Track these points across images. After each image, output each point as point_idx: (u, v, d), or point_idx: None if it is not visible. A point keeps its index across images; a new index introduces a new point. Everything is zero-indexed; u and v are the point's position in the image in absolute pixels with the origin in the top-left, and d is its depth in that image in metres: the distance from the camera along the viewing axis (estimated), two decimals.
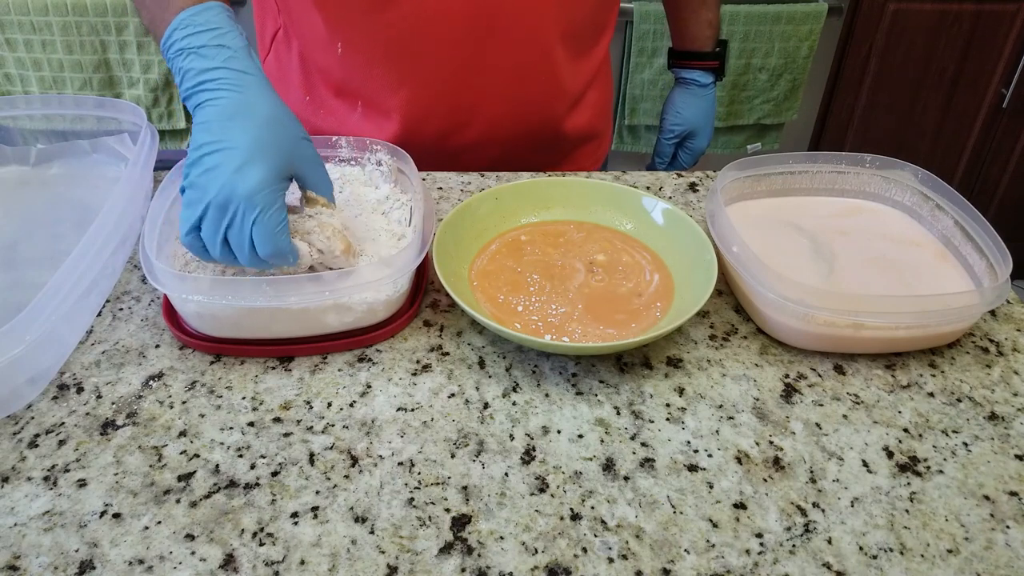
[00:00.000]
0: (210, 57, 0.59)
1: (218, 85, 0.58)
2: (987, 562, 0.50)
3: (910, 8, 1.70)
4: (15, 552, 0.49)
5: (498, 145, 0.90)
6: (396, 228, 0.70)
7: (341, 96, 0.87)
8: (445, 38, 0.79)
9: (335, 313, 0.62)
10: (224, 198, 0.55)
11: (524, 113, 0.88)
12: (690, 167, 1.09)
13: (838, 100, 1.82)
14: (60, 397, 0.59)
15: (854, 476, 0.55)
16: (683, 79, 1.04)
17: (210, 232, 0.57)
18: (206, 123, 0.58)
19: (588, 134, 0.96)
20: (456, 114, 0.86)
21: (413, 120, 0.85)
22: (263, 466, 0.55)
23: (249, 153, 0.56)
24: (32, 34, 1.44)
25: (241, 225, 0.56)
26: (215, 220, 0.56)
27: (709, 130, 1.06)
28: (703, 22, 0.99)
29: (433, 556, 0.49)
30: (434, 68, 0.81)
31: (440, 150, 0.73)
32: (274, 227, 0.56)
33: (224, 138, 0.56)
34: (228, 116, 0.57)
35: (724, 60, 1.02)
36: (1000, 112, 1.84)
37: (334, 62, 0.84)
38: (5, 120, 0.80)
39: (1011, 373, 0.64)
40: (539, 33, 0.81)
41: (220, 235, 0.56)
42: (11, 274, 0.68)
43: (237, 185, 0.55)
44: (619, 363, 0.64)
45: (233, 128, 0.57)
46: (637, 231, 0.75)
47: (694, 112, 1.04)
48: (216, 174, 0.56)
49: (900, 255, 0.72)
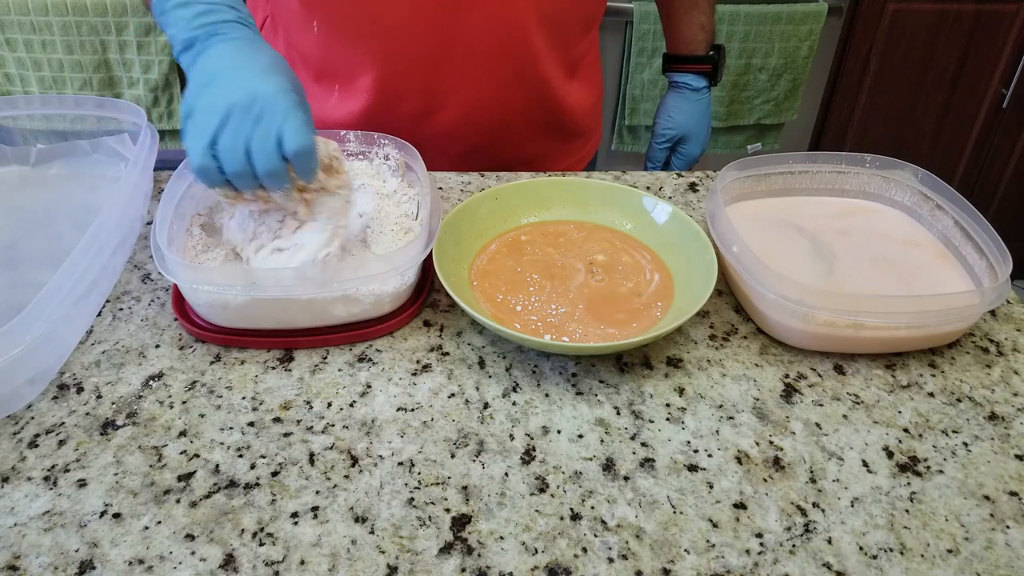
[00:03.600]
0: (219, 11, 0.61)
1: (230, 28, 0.60)
2: (987, 562, 0.50)
3: (910, 8, 1.70)
4: (15, 552, 0.49)
5: (475, 136, 0.89)
6: (404, 222, 0.70)
7: (320, 80, 0.87)
8: (416, 13, 0.79)
9: (343, 304, 0.62)
10: (249, 97, 0.55)
11: (501, 98, 0.87)
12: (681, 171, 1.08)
13: (838, 100, 1.82)
14: (60, 397, 0.59)
15: (854, 476, 0.55)
16: (676, 83, 1.03)
17: (231, 139, 0.55)
18: (213, 58, 0.59)
19: (573, 131, 0.95)
20: (430, 95, 0.85)
21: (386, 99, 0.85)
22: (263, 466, 0.55)
23: (270, 67, 0.58)
24: (32, 34, 1.44)
25: (269, 122, 0.55)
26: (239, 122, 0.55)
27: (703, 136, 1.05)
28: (695, 25, 0.99)
29: (433, 556, 0.49)
30: (406, 44, 0.81)
31: (416, 132, 0.72)
32: (304, 120, 0.57)
33: (240, 63, 0.58)
34: (239, 51, 0.59)
35: (718, 65, 1.01)
36: (1000, 112, 1.84)
37: (312, 44, 0.85)
38: (5, 120, 0.80)
39: (1011, 373, 0.64)
40: (512, 14, 0.81)
41: (243, 139, 0.56)
42: (11, 274, 0.68)
43: (265, 86, 0.56)
44: (619, 363, 0.64)
45: (247, 58, 0.58)
46: (637, 231, 0.75)
47: (686, 117, 1.03)
48: (235, 82, 0.56)
49: (900, 255, 0.72)
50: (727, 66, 1.61)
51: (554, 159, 0.97)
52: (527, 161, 0.94)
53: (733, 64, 1.62)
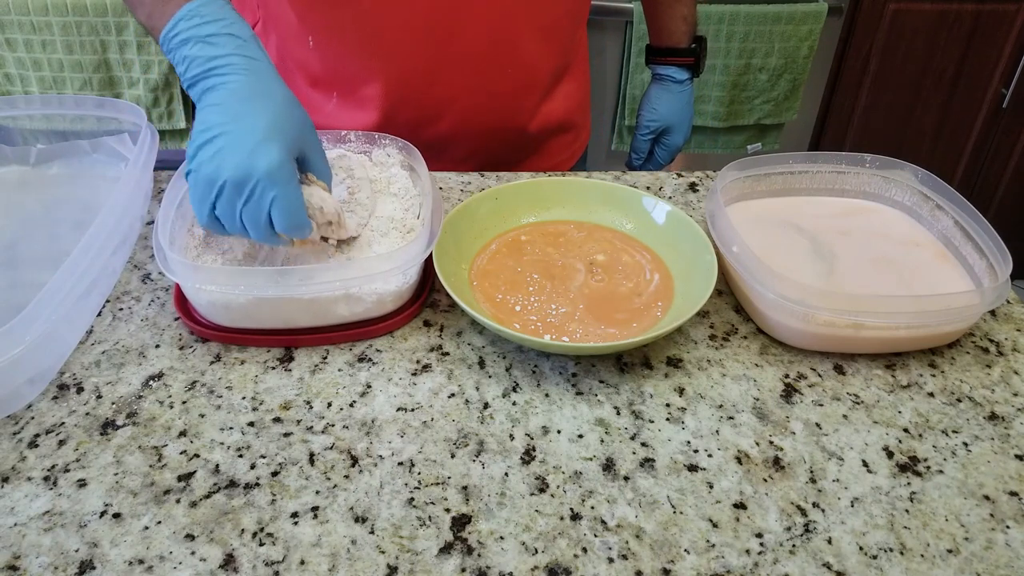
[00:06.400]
0: (220, 45, 0.59)
1: (231, 70, 0.58)
2: (987, 562, 0.50)
3: (910, 8, 1.70)
4: (15, 552, 0.49)
5: (470, 139, 0.90)
6: (406, 221, 0.70)
7: (317, 87, 0.88)
8: (411, 29, 0.80)
9: (345, 303, 0.62)
10: (242, 176, 0.55)
11: (496, 106, 0.88)
12: (666, 164, 1.09)
13: (838, 100, 1.82)
14: (60, 397, 0.59)
15: (854, 476, 0.55)
16: (659, 75, 1.04)
17: (226, 211, 0.57)
18: (219, 104, 0.58)
19: (562, 126, 0.96)
20: (428, 106, 0.86)
21: (386, 111, 0.86)
22: (263, 466, 0.55)
23: (266, 133, 0.56)
24: (32, 34, 1.44)
25: (259, 202, 0.56)
26: (231, 199, 0.56)
27: (685, 127, 1.06)
28: (677, 17, 0.99)
29: (433, 556, 0.49)
30: (403, 59, 0.82)
31: (414, 142, 0.73)
32: (294, 203, 0.57)
33: (240, 118, 0.57)
34: (243, 98, 0.58)
35: (700, 57, 1.02)
36: (1000, 112, 1.84)
37: (308, 54, 0.85)
38: (5, 120, 0.80)
39: (1011, 373, 0.64)
40: (507, 25, 0.81)
41: (237, 213, 0.57)
42: (11, 274, 0.68)
43: (255, 163, 0.55)
44: (619, 363, 0.64)
45: (249, 110, 0.57)
46: (637, 231, 0.75)
47: (669, 108, 1.03)
48: (231, 152, 0.56)
49: (900, 255, 0.72)
50: (727, 66, 1.61)
51: (546, 155, 0.97)
52: (519, 159, 0.94)
53: (733, 64, 1.61)
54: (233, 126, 0.56)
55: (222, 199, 0.56)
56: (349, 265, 0.62)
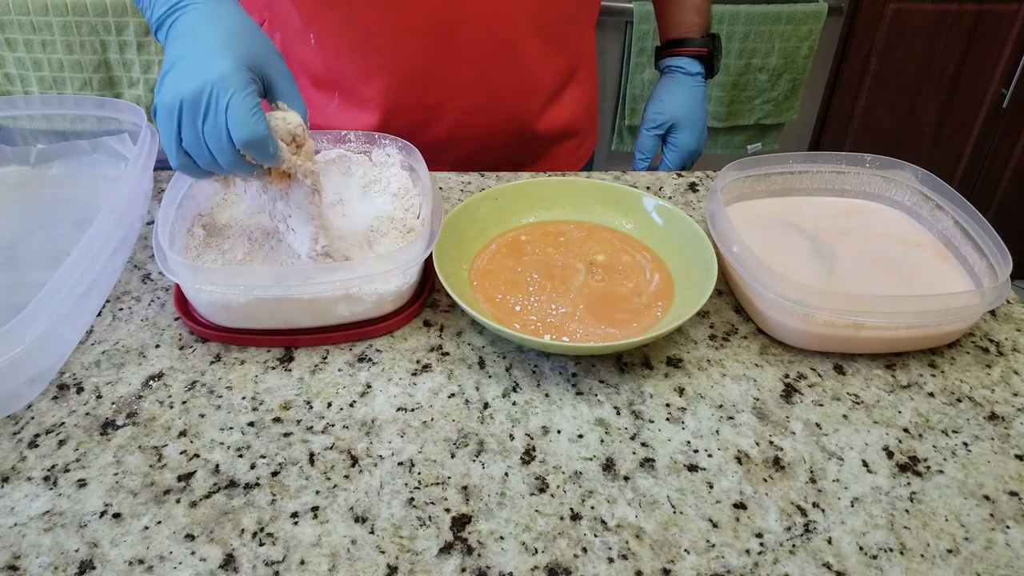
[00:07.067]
0: None
1: (193, 5, 0.57)
2: (987, 562, 0.50)
3: (910, 8, 1.70)
4: (15, 552, 0.49)
5: (472, 141, 0.90)
6: (406, 221, 0.70)
7: (319, 87, 0.88)
8: (411, 30, 0.80)
9: (345, 303, 0.63)
10: (196, 88, 0.53)
11: (495, 108, 0.87)
12: (678, 170, 0.96)
13: (838, 100, 1.82)
14: (60, 397, 0.59)
15: (854, 476, 0.55)
16: (668, 67, 0.96)
17: (190, 137, 0.55)
18: (179, 35, 0.57)
19: (567, 132, 0.95)
20: (427, 107, 0.86)
21: (387, 111, 0.86)
22: (263, 466, 0.55)
23: (218, 47, 0.55)
24: (32, 34, 1.44)
25: (215, 115, 0.53)
26: (191, 118, 0.54)
27: (696, 126, 0.96)
28: (690, 7, 0.94)
29: (433, 556, 0.49)
30: (402, 60, 0.82)
31: (416, 143, 0.73)
32: (249, 108, 0.53)
33: (196, 41, 0.55)
34: (202, 25, 0.56)
35: (714, 53, 0.96)
36: (1000, 112, 1.84)
37: (310, 53, 0.85)
38: (5, 120, 0.80)
39: (1011, 373, 0.64)
40: (507, 25, 0.81)
41: (201, 137, 0.54)
42: (11, 274, 0.68)
43: (208, 75, 0.53)
44: (619, 363, 0.64)
45: (204, 31, 0.56)
46: (637, 231, 0.75)
47: (676, 101, 0.94)
48: (186, 71, 0.54)
49: (900, 255, 0.72)
50: (727, 66, 1.61)
51: (550, 160, 0.96)
52: (522, 163, 0.94)
53: (733, 64, 1.62)
54: (189, 50, 0.55)
55: (184, 123, 0.54)
56: (349, 265, 0.62)
